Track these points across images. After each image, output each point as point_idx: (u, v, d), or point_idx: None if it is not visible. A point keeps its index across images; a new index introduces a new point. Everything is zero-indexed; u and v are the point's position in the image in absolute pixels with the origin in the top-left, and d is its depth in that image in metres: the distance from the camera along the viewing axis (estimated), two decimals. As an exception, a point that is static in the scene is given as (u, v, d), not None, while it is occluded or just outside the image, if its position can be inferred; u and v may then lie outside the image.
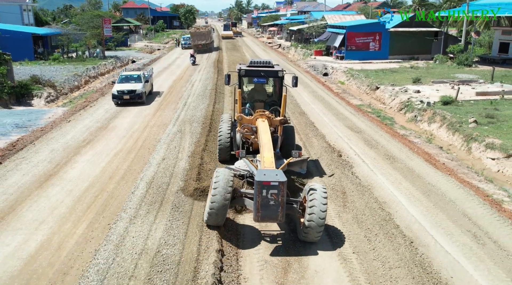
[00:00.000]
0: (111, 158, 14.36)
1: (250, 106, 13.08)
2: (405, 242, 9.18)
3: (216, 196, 8.62)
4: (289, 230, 9.78)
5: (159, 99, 24.14)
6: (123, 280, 7.51)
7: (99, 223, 9.76)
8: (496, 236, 9.63)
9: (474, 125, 19.09)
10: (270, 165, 9.13)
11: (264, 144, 10.05)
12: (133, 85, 22.61)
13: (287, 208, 8.89)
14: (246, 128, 11.70)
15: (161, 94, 25.72)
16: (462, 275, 8.17)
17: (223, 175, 8.91)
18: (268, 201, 8.25)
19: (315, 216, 8.53)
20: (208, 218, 9.05)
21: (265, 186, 8.19)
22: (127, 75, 24.02)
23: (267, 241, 9.33)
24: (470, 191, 12.17)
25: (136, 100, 22.23)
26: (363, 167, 13.93)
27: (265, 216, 8.45)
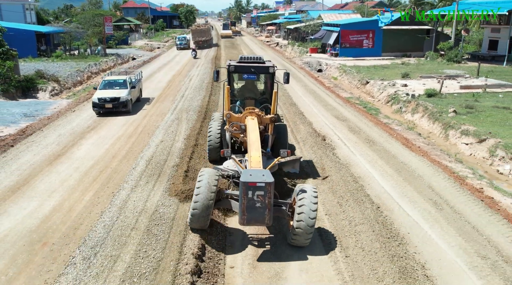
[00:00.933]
0: (114, 141, 15.69)
1: (241, 104, 12.52)
2: (372, 207, 10.50)
3: (199, 196, 8.23)
4: (278, 233, 9.42)
5: (147, 108, 21.21)
6: (126, 231, 8.85)
7: (104, 192, 11.09)
8: (454, 203, 10.93)
9: (453, 115, 20.37)
10: (257, 164, 8.75)
11: (252, 143, 9.59)
12: (117, 92, 19.73)
13: (275, 210, 8.57)
14: (235, 127, 11.03)
15: (150, 101, 22.81)
16: (418, 232, 9.47)
17: (207, 175, 8.52)
18: (254, 203, 7.85)
19: (304, 219, 8.11)
20: (191, 220, 8.57)
21: (250, 187, 7.78)
22: (111, 80, 20.94)
23: (255, 245, 8.94)
24: (438, 169, 13.48)
25: (120, 109, 19.44)
26: (344, 149, 15.24)
27: (251, 219, 8.02)
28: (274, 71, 12.04)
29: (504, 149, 15.30)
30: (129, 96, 20.04)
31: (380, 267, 7.96)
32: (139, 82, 22.74)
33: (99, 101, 19.36)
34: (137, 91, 21.98)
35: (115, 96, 19.39)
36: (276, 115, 11.79)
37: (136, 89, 21.68)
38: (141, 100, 22.71)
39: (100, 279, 7.29)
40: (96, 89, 20.61)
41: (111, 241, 8.48)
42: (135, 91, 21.52)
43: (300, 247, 8.66)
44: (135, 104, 21.40)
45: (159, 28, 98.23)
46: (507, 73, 32.65)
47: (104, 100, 19.33)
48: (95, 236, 8.73)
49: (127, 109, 19.77)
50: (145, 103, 22.32)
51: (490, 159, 15.58)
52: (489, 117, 19.68)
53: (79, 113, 20.37)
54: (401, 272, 7.78)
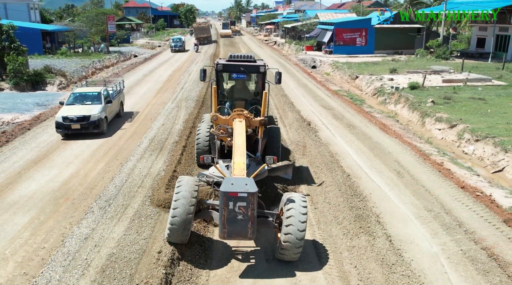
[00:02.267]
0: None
1: (230, 105, 11.77)
2: (343, 174, 12.30)
3: (177, 210, 7.60)
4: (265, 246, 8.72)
5: (127, 126, 17.15)
6: (134, 188, 10.70)
7: (114, 163, 12.91)
8: (414, 173, 12.72)
9: (431, 104, 22.16)
10: (241, 172, 7.95)
11: (237, 148, 8.78)
12: (88, 109, 15.77)
13: (261, 221, 8.02)
14: (221, 130, 10.13)
15: (133, 117, 18.73)
16: (378, 193, 11.26)
17: (186, 184, 7.87)
18: (236, 215, 7.23)
19: (293, 232, 7.44)
20: (168, 235, 7.94)
21: (231, 198, 7.17)
22: (82, 93, 17.03)
23: (238, 259, 8.27)
24: (408, 148, 15.27)
25: (90, 130, 15.53)
26: (326, 131, 17.05)
27: (232, 232, 7.40)
28: (265, 71, 11.30)
29: (471, 132, 17.08)
30: (103, 113, 15.96)
31: (341, 215, 9.77)
32: (119, 95, 18.89)
33: (63, 121, 15.30)
34: (116, 105, 18.10)
35: (84, 115, 15.40)
36: (267, 117, 11.11)
37: (115, 103, 17.85)
38: (122, 116, 18.72)
39: (115, 220, 9.13)
40: (62, 104, 16.67)
41: (122, 196, 10.33)
42: (114, 106, 17.58)
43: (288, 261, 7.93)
44: (113, 121, 17.60)
45: (160, 27, 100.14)
46: (491, 69, 34.38)
47: (69, 120, 15.28)
48: (108, 193, 10.57)
49: (99, 130, 15.71)
50: (126, 120, 18.24)
51: (458, 141, 17.38)
52: (463, 107, 21.45)
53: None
54: (357, 218, 9.59)
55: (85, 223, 9.07)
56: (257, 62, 11.61)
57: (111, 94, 17.66)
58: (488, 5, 38.35)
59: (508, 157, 14.70)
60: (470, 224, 9.57)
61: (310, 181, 12.11)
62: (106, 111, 16.48)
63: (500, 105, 21.66)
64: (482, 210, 10.31)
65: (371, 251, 8.28)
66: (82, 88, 18.15)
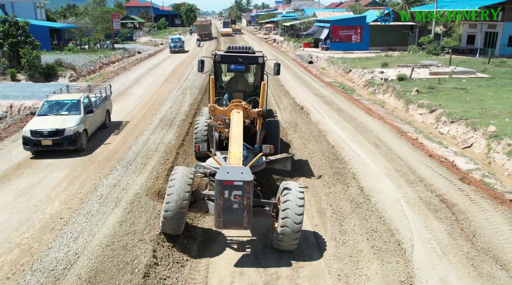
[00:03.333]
0: (131, 109, 19.50)
1: (229, 96, 11.62)
2: (328, 145, 14.26)
3: (171, 198, 7.57)
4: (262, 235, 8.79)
5: (111, 140, 14.54)
6: (150, 152, 12.79)
7: (130, 136, 14.90)
8: (390, 145, 14.67)
9: (415, 93, 24.10)
10: (237, 161, 7.89)
11: (234, 138, 8.74)
12: (62, 121, 13.22)
13: (258, 211, 8.04)
14: (219, 121, 10.09)
15: (121, 128, 16.15)
16: (357, 158, 13.21)
17: (180, 175, 7.83)
18: (231, 204, 7.18)
19: (289, 221, 7.42)
20: (163, 224, 7.89)
21: (227, 186, 7.12)
22: (58, 101, 14.38)
23: (234, 248, 8.31)
24: (388, 127, 17.22)
25: (64, 147, 12.85)
26: (317, 114, 19.01)
27: (227, 221, 7.35)
28: (264, 62, 11.18)
29: (447, 115, 19.04)
30: (81, 126, 13.34)
31: (321, 170, 11.78)
32: (104, 102, 16.29)
33: (32, 136, 12.73)
34: (100, 115, 15.57)
35: (57, 128, 12.77)
36: (265, 109, 10.91)
37: (99, 112, 15.32)
38: (108, 127, 16.19)
39: (136, 173, 11.14)
40: (34, 114, 14.27)
41: (140, 158, 12.34)
42: (97, 115, 15.03)
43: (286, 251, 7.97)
44: (97, 133, 15.13)
45: (161, 26, 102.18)
46: (477, 63, 36.30)
47: (40, 134, 12.73)
48: (128, 156, 12.58)
49: (76, 147, 12.99)
50: (112, 131, 15.61)
51: (436, 123, 19.35)
52: (445, 95, 23.40)
53: (99, 91, 24.18)
54: (336, 174, 11.58)
55: (112, 176, 11.05)
56: (256, 53, 11.49)
57: (94, 102, 15.08)
58: (476, 3, 40.29)
59: (476, 135, 16.67)
60: (430, 180, 11.53)
61: (296, 142, 14.11)
62: (86, 123, 13.77)
63: (479, 94, 23.59)
64: (443, 171, 12.27)
65: (344, 195, 10.26)
66: (58, 95, 15.07)
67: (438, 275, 7.28)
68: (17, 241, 7.98)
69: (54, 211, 9.20)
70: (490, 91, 24.70)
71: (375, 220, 9.07)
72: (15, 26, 30.53)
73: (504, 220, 9.14)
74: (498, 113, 19.09)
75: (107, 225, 8.38)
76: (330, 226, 8.95)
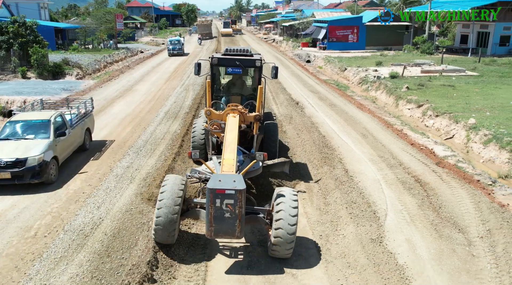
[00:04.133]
0: (138, 104, 20.90)
1: (226, 100, 11.39)
2: (319, 135, 15.64)
3: (162, 210, 7.50)
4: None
5: (89, 169, 11.98)
6: (157, 140, 14.21)
7: (138, 128, 16.31)
8: (376, 135, 16.04)
9: (405, 90, 25.47)
10: (230, 168, 7.76)
11: (228, 144, 8.55)
12: (24, 148, 10.82)
13: (251, 218, 8.01)
14: (215, 125, 9.85)
15: (105, 148, 13.76)
16: (345, 146, 14.58)
17: (171, 184, 7.75)
18: (223, 213, 7.10)
19: (282, 231, 7.34)
20: (155, 234, 7.80)
21: (218, 195, 7.03)
22: (23, 122, 11.89)
23: (226, 254, 8.20)
24: (376, 120, 18.59)
25: (27, 180, 10.45)
26: (311, 108, 20.39)
27: (219, 230, 7.25)
28: (262, 65, 10.92)
29: (433, 110, 20.42)
30: (50, 153, 10.98)
31: (311, 156, 13.19)
32: (84, 120, 13.62)
33: None
34: (77, 136, 12.99)
35: (17, 158, 10.43)
36: (262, 113, 10.78)
37: (76, 133, 12.82)
38: (88, 148, 13.57)
39: (147, 157, 12.56)
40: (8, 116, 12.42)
41: (149, 144, 13.77)
42: (73, 137, 12.59)
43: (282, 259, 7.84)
44: (73, 156, 12.72)
45: (163, 26, 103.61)
46: (469, 62, 37.68)
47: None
48: (139, 144, 13.99)
49: (41, 180, 10.62)
50: (91, 155, 13.05)
51: (422, 117, 20.72)
52: (433, 92, 24.77)
53: (106, 88, 25.62)
54: (324, 158, 12.98)
55: (125, 160, 12.45)
56: (254, 56, 11.18)
57: (69, 121, 12.61)
58: (469, 4, 41.67)
59: (457, 127, 18.05)
60: (408, 164, 12.91)
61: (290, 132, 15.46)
62: (57, 148, 11.38)
63: (466, 90, 24.95)
64: (421, 157, 13.65)
65: (330, 175, 11.65)
66: (25, 114, 12.39)
67: (404, 236, 8.65)
68: (48, 210, 9.37)
69: (77, 187, 10.59)
70: (476, 88, 26.06)
71: (355, 195, 10.46)
72: (24, 26, 31.91)
73: (468, 195, 10.51)
74: (481, 108, 20.46)
75: (124, 196, 9.78)
76: (316, 199, 10.34)
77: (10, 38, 30.66)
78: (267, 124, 11.87)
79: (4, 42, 30.31)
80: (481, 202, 10.02)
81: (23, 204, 9.66)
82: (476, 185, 11.34)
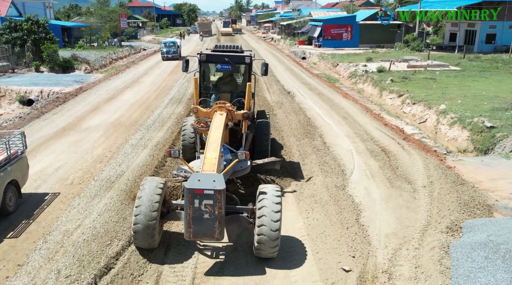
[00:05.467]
0: (145, 93, 23.18)
1: (216, 98, 11.09)
2: (305, 117, 17.91)
3: (139, 217, 7.30)
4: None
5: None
6: (164, 119, 16.56)
7: (146, 111, 18.59)
8: (355, 117, 18.31)
9: (390, 82, 27.71)
10: (211, 168, 7.55)
11: (210, 142, 8.26)
12: None
13: (233, 218, 7.83)
14: (201, 123, 9.57)
15: (33, 217, 9.02)
16: (327, 126, 16.83)
17: (149, 187, 7.59)
18: (202, 214, 6.93)
19: (266, 228, 7.16)
20: (134, 240, 7.61)
21: (197, 195, 6.89)
22: None
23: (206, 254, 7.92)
24: (357, 106, 20.86)
25: None
26: (301, 97, 22.67)
27: (198, 232, 7.06)
28: (251, 61, 10.69)
29: (411, 98, 22.68)
30: None
31: (296, 132, 15.48)
32: (5, 168, 8.89)
33: None
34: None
35: None
36: (251, 111, 10.73)
37: None
38: (12, 212, 9.10)
39: (156, 130, 14.93)
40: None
41: (158, 122, 16.12)
42: None
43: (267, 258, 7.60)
44: None
45: (164, 26, 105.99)
46: (454, 58, 39.91)
47: None
48: (148, 123, 16.30)
49: None
50: (9, 227, 8.64)
51: (401, 105, 22.99)
52: (415, 84, 27.01)
53: (115, 80, 27.95)
54: (306, 133, 15.28)
55: (137, 134, 14.76)
56: (244, 52, 10.99)
57: None
58: (455, 3, 43.93)
59: (430, 112, 20.32)
60: (379, 138, 15.17)
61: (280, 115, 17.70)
62: None
63: (445, 83, 27.19)
64: (391, 134, 15.92)
65: (309, 145, 13.94)
66: None
67: (363, 186, 10.90)
68: (79, 167, 11.66)
69: (100, 153, 12.88)
70: (455, 80, 28.30)
71: (328, 158, 12.74)
72: (36, 24, 34.19)
73: (422, 160, 12.77)
74: (454, 97, 22.70)
75: (140, 157, 12.11)
76: (295, 160, 12.61)
77: (24, 35, 32.93)
78: (259, 122, 11.61)
79: (18, 38, 32.59)
80: (431, 164, 12.29)
81: (58, 164, 11.94)
82: (432, 154, 13.59)
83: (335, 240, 8.15)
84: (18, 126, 16.29)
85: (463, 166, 12.53)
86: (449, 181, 10.89)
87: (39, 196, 9.86)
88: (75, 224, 8.55)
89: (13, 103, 23.28)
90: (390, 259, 7.52)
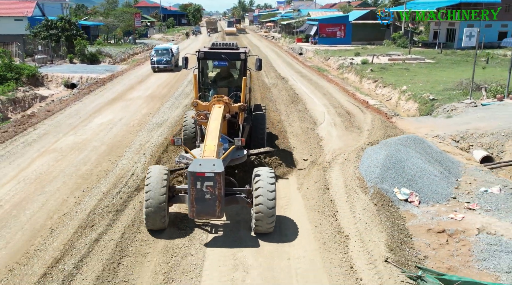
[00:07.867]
0: (166, 78, 28.65)
1: (214, 92, 11.70)
2: (294, 93, 23.25)
3: (150, 201, 8.26)
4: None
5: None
6: (187, 93, 21.81)
7: (171, 89, 24.00)
8: (333, 94, 23.61)
9: (369, 71, 33.01)
10: (210, 154, 8.29)
11: (210, 132, 9.08)
12: None
13: (232, 199, 8.65)
14: (201, 116, 10.34)
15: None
16: (310, 99, 22.13)
17: (155, 174, 8.47)
18: (204, 194, 7.71)
19: (263, 206, 8.03)
20: (146, 222, 8.58)
21: (199, 178, 7.64)
22: None
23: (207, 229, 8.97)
24: (338, 87, 26.19)
25: None
26: (293, 81, 28.05)
27: (200, 211, 7.93)
28: (246, 58, 11.47)
29: (382, 83, 28.02)
30: None
31: (285, 101, 20.85)
32: None
33: None
34: None
35: None
36: (247, 103, 11.44)
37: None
38: None
39: (183, 99, 20.32)
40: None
41: (183, 95, 21.54)
42: None
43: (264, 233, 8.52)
44: None
45: (170, 25, 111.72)
46: (433, 53, 45.04)
47: None
48: (175, 95, 21.79)
49: None
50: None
51: (375, 88, 28.33)
52: (391, 73, 32.26)
53: (138, 70, 33.45)
54: (292, 101, 20.70)
55: (169, 102, 20.39)
56: (239, 49, 11.63)
57: None
58: (434, 4, 49.16)
59: (395, 92, 25.65)
60: (347, 106, 20.48)
61: (275, 94, 23.05)
62: None
63: (417, 72, 32.41)
64: (357, 104, 21.23)
65: (294, 108, 19.33)
66: None
67: (327, 130, 16.22)
68: (135, 118, 17.31)
69: (145, 112, 18.40)
70: (425, 70, 33.56)
71: (306, 115, 18.13)
72: (68, 23, 39.69)
73: (372, 117, 18.07)
74: (418, 82, 27.94)
75: (175, 113, 17.73)
76: (282, 117, 18.01)
77: (59, 32, 38.44)
78: (256, 114, 12.55)
79: (54, 35, 38.10)
80: (377, 119, 17.63)
81: (119, 117, 17.39)
82: (382, 115, 18.90)
83: (300, 150, 13.56)
84: (74, 100, 21.71)
85: (401, 122, 17.86)
86: (385, 126, 16.24)
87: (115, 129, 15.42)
88: (146, 140, 14.14)
89: (59, 87, 28.75)
90: (332, 157, 12.87)
